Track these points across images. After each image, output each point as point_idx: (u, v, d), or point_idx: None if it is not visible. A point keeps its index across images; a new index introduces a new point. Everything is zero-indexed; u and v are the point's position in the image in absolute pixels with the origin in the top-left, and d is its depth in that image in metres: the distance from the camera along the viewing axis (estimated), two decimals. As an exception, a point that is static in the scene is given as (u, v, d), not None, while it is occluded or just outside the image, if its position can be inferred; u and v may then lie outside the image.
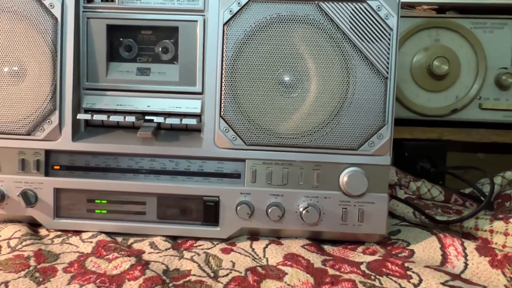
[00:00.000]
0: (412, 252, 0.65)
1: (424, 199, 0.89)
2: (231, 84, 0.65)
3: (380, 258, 0.63)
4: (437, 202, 0.88)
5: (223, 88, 0.66)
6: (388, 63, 0.64)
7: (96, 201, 0.68)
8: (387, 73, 0.64)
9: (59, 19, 0.66)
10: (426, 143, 0.94)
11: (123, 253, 0.61)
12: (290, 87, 0.66)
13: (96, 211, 0.69)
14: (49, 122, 0.67)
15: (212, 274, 0.58)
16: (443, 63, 0.88)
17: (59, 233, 0.69)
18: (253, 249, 0.66)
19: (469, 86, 0.91)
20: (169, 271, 0.58)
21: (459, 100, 0.91)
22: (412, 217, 0.76)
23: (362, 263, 0.62)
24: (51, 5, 0.66)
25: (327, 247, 0.68)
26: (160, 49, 0.69)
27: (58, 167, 0.69)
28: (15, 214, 0.70)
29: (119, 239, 0.68)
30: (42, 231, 0.70)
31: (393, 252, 0.66)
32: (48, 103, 0.67)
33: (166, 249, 0.65)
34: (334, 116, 0.66)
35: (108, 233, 0.69)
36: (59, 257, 0.61)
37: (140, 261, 0.59)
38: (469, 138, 0.92)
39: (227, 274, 0.58)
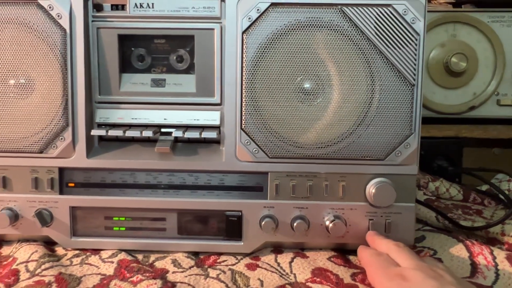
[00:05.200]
0: (440, 262, 0.64)
1: (443, 199, 0.87)
2: (252, 95, 0.63)
3: (410, 270, 0.61)
4: (456, 201, 0.87)
5: (243, 99, 0.63)
6: (415, 69, 0.62)
7: (114, 218, 0.66)
8: (414, 80, 0.62)
9: (68, 30, 0.63)
10: (442, 141, 0.92)
11: (147, 274, 0.60)
12: (312, 94, 0.63)
13: (115, 228, 0.66)
14: (61, 139, 0.64)
15: (241, 295, 0.57)
16: (461, 60, 0.86)
17: (77, 252, 0.67)
18: (278, 264, 0.64)
19: (487, 82, 0.89)
20: (197, 294, 0.57)
21: (477, 97, 0.89)
22: (435, 221, 0.75)
23: (391, 276, 0.60)
24: (58, 16, 0.62)
25: (352, 258, 0.67)
26: (174, 58, 0.66)
27: (72, 185, 0.66)
28: (30, 234, 0.67)
29: (140, 256, 0.66)
30: (59, 250, 0.68)
31: (421, 262, 0.65)
32: (59, 119, 0.64)
33: (190, 267, 0.63)
34: (359, 125, 0.63)
35: (128, 251, 0.67)
36: (81, 281, 0.59)
37: (166, 284, 0.57)
38: (486, 135, 0.91)
39: (257, 295, 0.57)
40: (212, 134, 0.64)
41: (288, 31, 0.62)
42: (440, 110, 0.90)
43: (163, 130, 0.66)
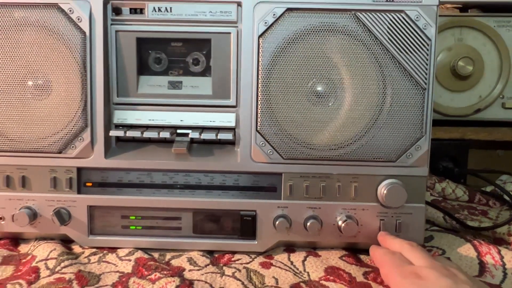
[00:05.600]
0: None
1: (449, 199, 0.89)
2: (267, 97, 0.64)
3: (420, 269, 0.63)
4: (462, 202, 0.89)
5: (259, 101, 0.64)
6: (426, 73, 0.63)
7: (131, 217, 0.68)
8: (426, 84, 0.64)
9: (87, 33, 0.64)
10: (448, 143, 0.94)
11: (165, 272, 0.61)
12: (325, 97, 0.65)
13: (131, 227, 0.68)
14: (80, 139, 0.66)
15: (257, 293, 0.58)
16: (468, 64, 0.88)
17: (94, 250, 0.68)
18: (291, 263, 0.66)
19: (492, 85, 0.91)
20: (215, 291, 0.58)
21: (482, 100, 0.91)
22: (442, 221, 0.77)
23: (402, 274, 0.62)
24: (78, 19, 0.64)
25: (363, 257, 0.68)
26: (191, 61, 0.68)
27: (90, 184, 0.67)
28: (48, 232, 0.69)
29: (156, 255, 0.67)
30: (76, 248, 0.69)
31: (430, 261, 0.66)
32: (78, 120, 0.65)
33: (205, 265, 0.64)
34: (371, 128, 0.65)
35: (144, 249, 0.68)
36: (100, 278, 0.61)
37: (184, 281, 0.59)
38: (491, 137, 0.93)
39: (273, 292, 0.58)
40: (228, 136, 0.65)
41: (302, 35, 0.64)
42: (446, 113, 0.92)
43: (179, 131, 0.67)
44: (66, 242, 0.70)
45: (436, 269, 0.50)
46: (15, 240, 0.71)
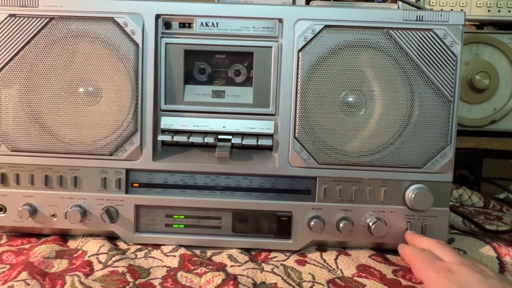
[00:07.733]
0: (472, 261, 0.71)
1: (465, 205, 0.94)
2: (305, 107, 0.70)
3: (445, 268, 0.68)
4: (477, 208, 0.94)
5: (297, 110, 0.70)
6: (452, 87, 0.69)
7: (175, 216, 0.73)
8: (451, 96, 0.69)
9: (140, 45, 0.69)
10: (464, 151, 0.99)
11: (210, 267, 0.66)
12: (355, 107, 0.70)
13: (174, 225, 0.73)
14: (130, 143, 0.71)
15: (297, 287, 0.63)
16: (484, 78, 0.93)
17: (138, 246, 0.73)
18: (324, 260, 0.70)
19: (507, 98, 0.96)
20: (257, 285, 0.63)
21: (497, 112, 0.97)
22: (461, 225, 0.82)
23: (428, 273, 0.67)
24: (132, 32, 0.69)
25: (390, 257, 0.73)
26: (233, 72, 0.73)
27: (137, 185, 0.72)
28: (96, 229, 0.73)
29: (197, 251, 0.72)
30: (121, 244, 0.74)
31: (453, 261, 0.71)
32: (128, 124, 0.70)
33: (245, 262, 0.69)
34: (399, 136, 0.70)
35: (186, 246, 0.73)
36: (150, 272, 0.65)
37: (229, 276, 0.64)
38: (504, 147, 0.98)
39: (311, 287, 0.63)
40: (268, 142, 0.70)
41: (338, 50, 0.69)
42: (463, 124, 0.98)
43: (220, 137, 0.72)
44: (111, 239, 0.75)
45: (466, 265, 0.55)
46: (63, 236, 0.76)
